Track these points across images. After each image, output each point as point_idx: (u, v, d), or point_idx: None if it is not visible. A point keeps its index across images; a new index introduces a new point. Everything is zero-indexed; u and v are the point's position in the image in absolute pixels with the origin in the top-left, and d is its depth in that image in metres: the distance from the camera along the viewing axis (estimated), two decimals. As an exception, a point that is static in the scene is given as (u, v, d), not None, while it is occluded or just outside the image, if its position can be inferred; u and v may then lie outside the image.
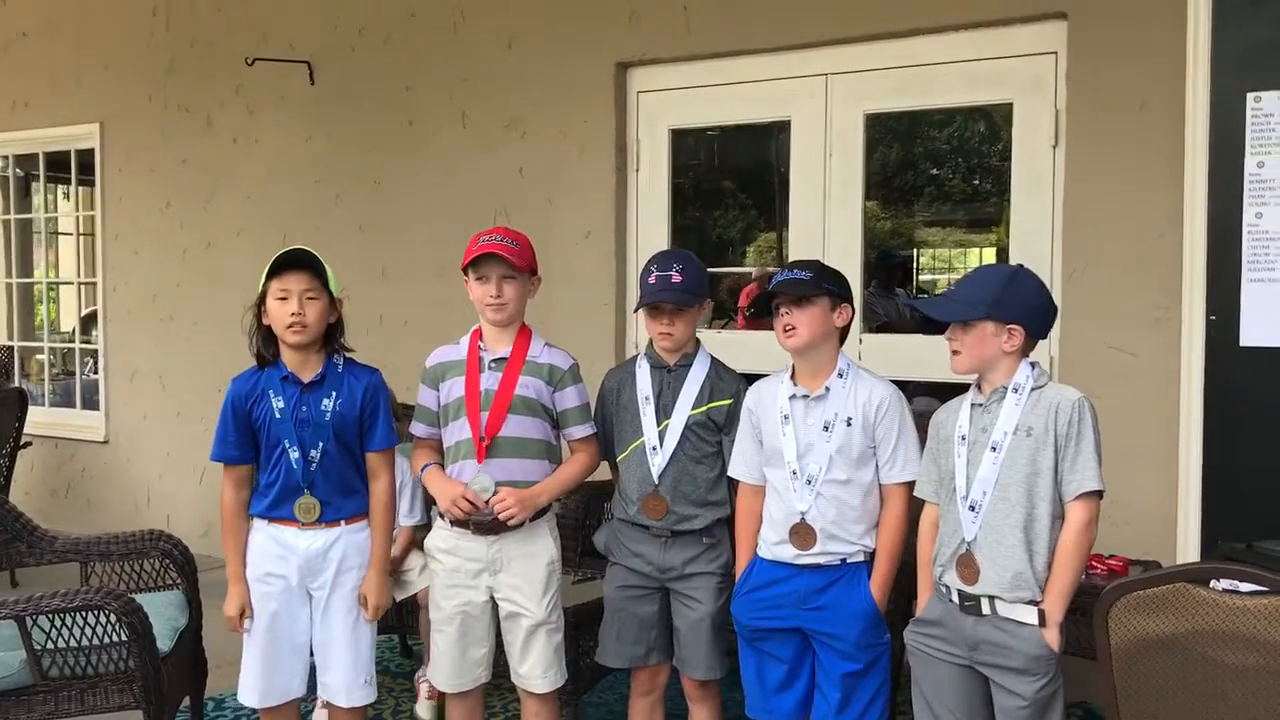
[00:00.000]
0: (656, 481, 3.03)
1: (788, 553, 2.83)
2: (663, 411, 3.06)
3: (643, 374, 3.10)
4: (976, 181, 9.21)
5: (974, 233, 10.98)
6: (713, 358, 3.14)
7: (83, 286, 7.72)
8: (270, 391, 2.97)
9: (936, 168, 9.06)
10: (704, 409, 3.04)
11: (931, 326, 3.73)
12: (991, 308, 2.55)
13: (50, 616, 3.10)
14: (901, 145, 8.50)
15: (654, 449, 3.04)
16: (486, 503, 2.96)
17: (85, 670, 3.14)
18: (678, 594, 3.07)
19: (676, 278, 2.98)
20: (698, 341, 3.14)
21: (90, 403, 6.96)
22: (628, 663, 3.15)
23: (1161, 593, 1.96)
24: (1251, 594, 1.93)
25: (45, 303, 7.86)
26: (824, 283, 2.82)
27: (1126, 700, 2.03)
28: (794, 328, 2.81)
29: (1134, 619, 1.99)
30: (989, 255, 10.52)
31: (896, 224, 9.66)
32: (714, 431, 3.06)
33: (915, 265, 10.96)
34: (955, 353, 2.62)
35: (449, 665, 3.08)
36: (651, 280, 3.02)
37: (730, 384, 3.09)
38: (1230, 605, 1.90)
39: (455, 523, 3.04)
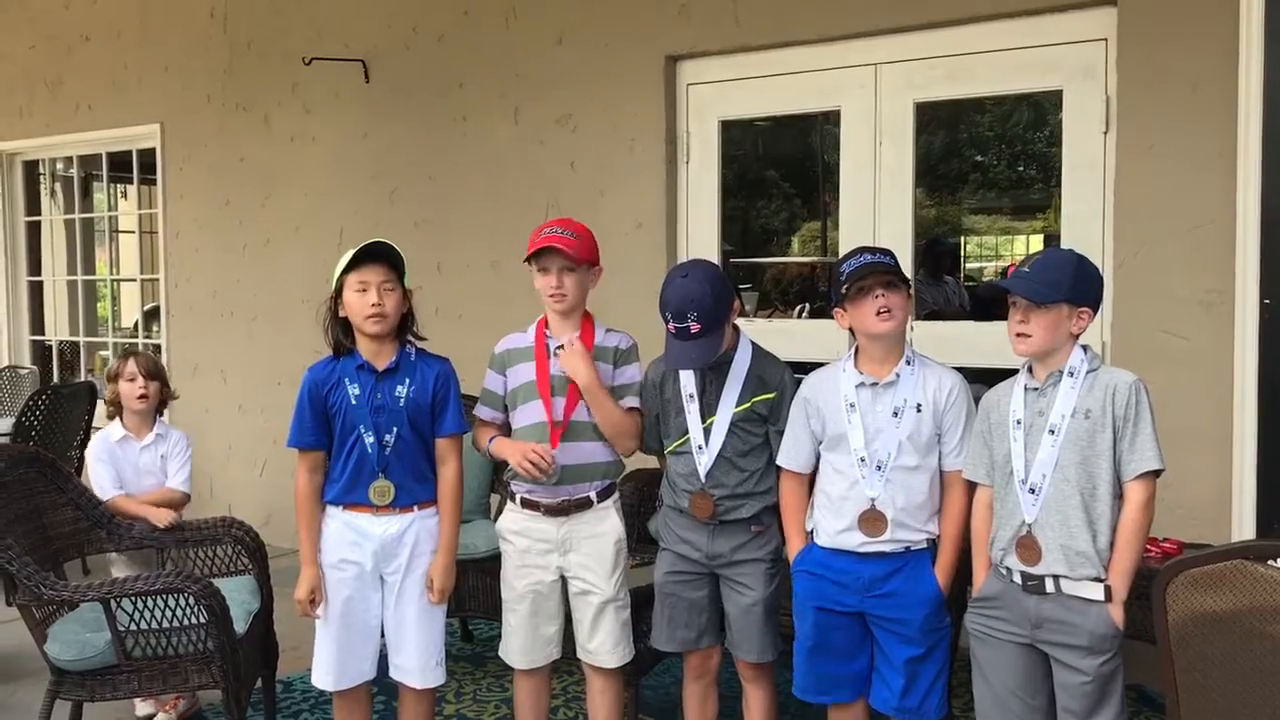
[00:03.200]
0: (704, 480, 3.04)
1: (853, 540, 2.85)
2: (707, 409, 3.05)
3: (686, 370, 3.10)
4: (1021, 168, 9.18)
5: (1025, 219, 10.93)
6: (755, 346, 3.12)
7: (145, 283, 7.90)
8: (346, 379, 3.07)
9: (988, 154, 9.03)
10: (748, 404, 3.03)
11: (985, 312, 3.74)
12: (1070, 291, 2.58)
13: (133, 599, 3.23)
14: (947, 132, 8.48)
15: (700, 448, 3.05)
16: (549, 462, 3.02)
17: (166, 651, 3.27)
18: (727, 580, 3.10)
19: (694, 328, 2.90)
20: (737, 331, 3.12)
21: (153, 396, 7.12)
22: (679, 646, 3.19)
23: (1219, 569, 2.00)
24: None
25: (109, 299, 8.05)
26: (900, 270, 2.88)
27: (1184, 674, 2.07)
28: (888, 310, 2.81)
29: (1192, 595, 2.03)
30: (1036, 242, 10.47)
31: (942, 211, 9.63)
32: (760, 423, 3.05)
33: (963, 252, 10.92)
34: (1024, 335, 2.62)
35: (521, 642, 3.18)
36: (670, 330, 2.97)
37: (775, 375, 3.07)
38: (1288, 581, 1.94)
39: (525, 504, 3.14)
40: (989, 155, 9.17)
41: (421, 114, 5.70)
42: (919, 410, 2.84)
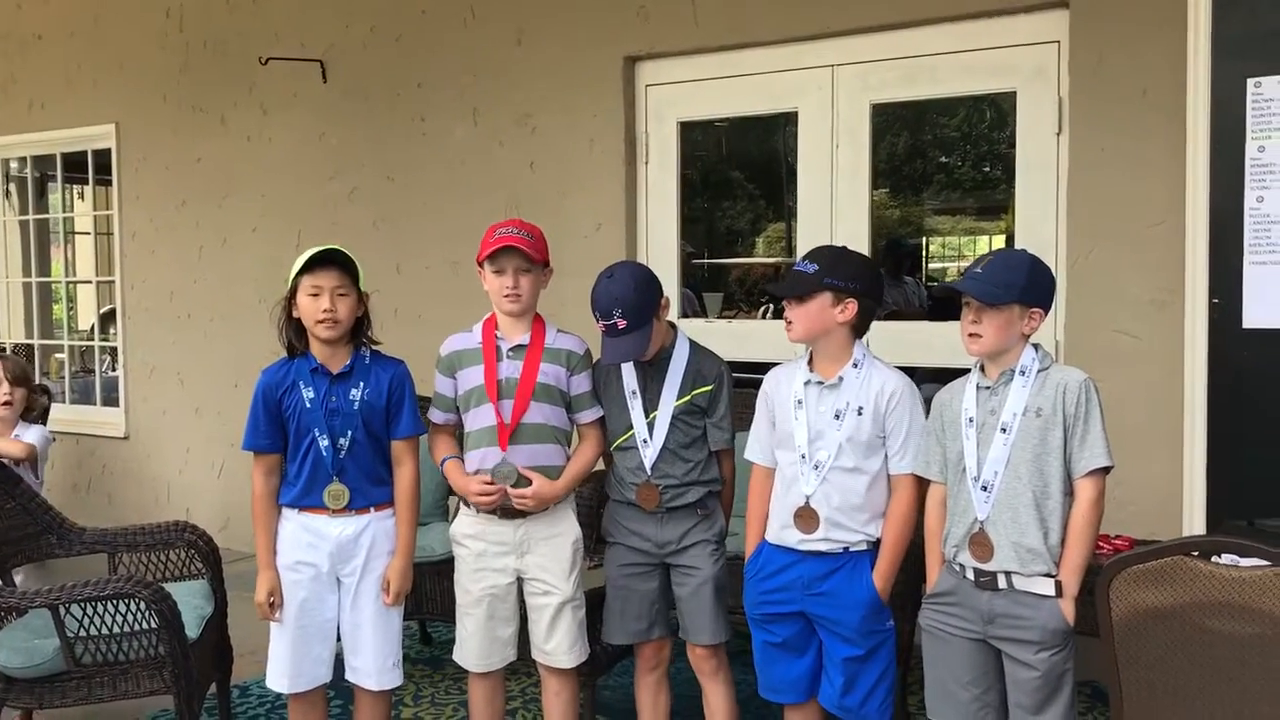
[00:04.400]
0: (649, 472, 3.10)
1: (792, 537, 2.89)
2: (649, 404, 3.12)
3: (627, 368, 3.15)
4: (987, 169, 9.25)
5: (982, 220, 11.03)
6: (692, 343, 3.18)
7: (101, 284, 7.82)
8: (300, 382, 3.05)
9: (946, 155, 9.09)
10: (687, 398, 3.10)
11: (943, 312, 3.75)
12: (1022, 292, 2.61)
13: (82, 605, 3.18)
14: (911, 133, 8.54)
15: (644, 441, 3.11)
16: (507, 490, 3.05)
17: (117, 656, 3.22)
18: (677, 567, 3.14)
19: (621, 323, 2.97)
20: (674, 329, 3.18)
21: (110, 399, 7.06)
22: (631, 638, 3.22)
23: (1160, 565, 2.03)
24: (1250, 566, 1.99)
25: (64, 301, 7.95)
26: (826, 278, 2.83)
27: (1127, 669, 2.10)
28: (790, 322, 2.88)
29: (1134, 591, 2.06)
30: (999, 242, 10.56)
31: (906, 212, 9.70)
32: (700, 415, 3.12)
33: (925, 253, 11.00)
34: (976, 335, 2.64)
35: (477, 646, 3.18)
36: (600, 329, 3.04)
37: (712, 368, 3.14)
38: (1227, 576, 1.97)
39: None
40: (954, 156, 9.24)
41: (380, 114, 5.68)
42: (860, 414, 2.85)
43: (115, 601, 3.20)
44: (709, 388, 3.11)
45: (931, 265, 11.75)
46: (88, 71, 6.75)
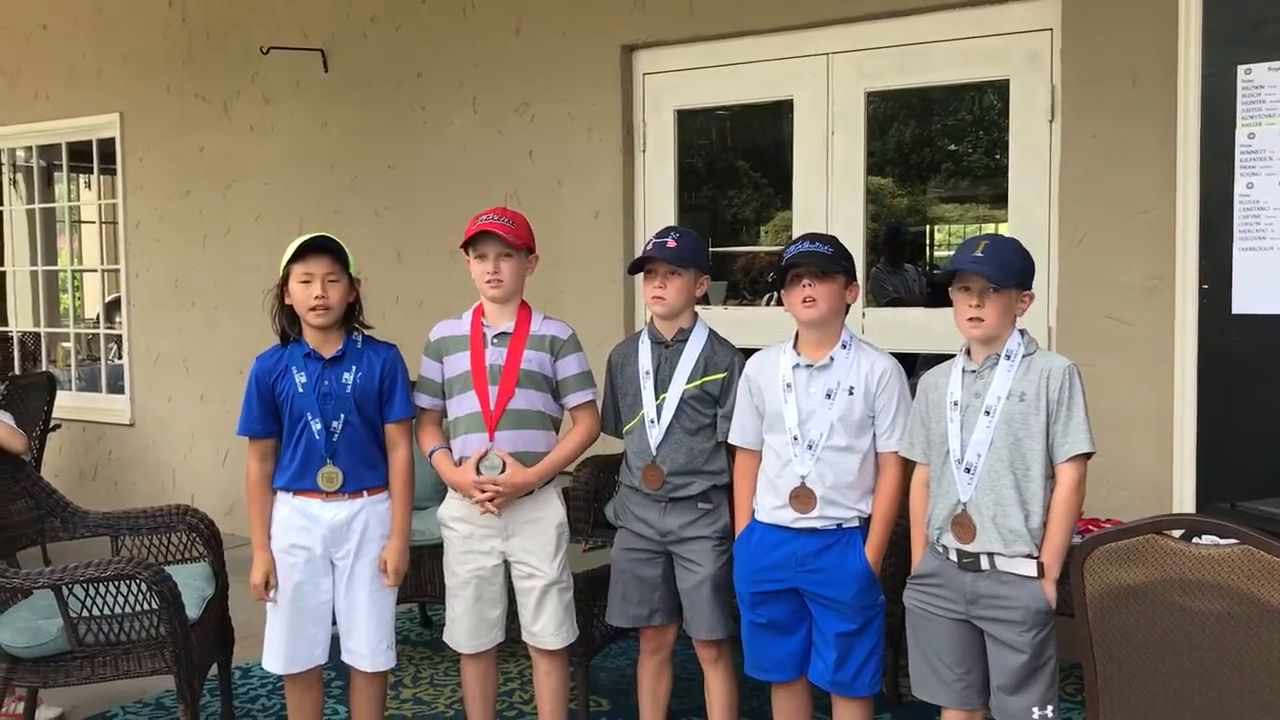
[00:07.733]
0: (654, 452, 3.14)
1: (786, 516, 2.93)
2: (660, 385, 3.16)
3: (644, 349, 3.20)
4: (997, 156, 9.24)
5: (986, 207, 11.02)
6: (710, 331, 3.22)
7: (106, 273, 7.88)
8: (293, 367, 3.10)
9: (955, 144, 9.07)
10: (699, 382, 3.14)
11: (943, 299, 3.80)
12: (1020, 275, 2.67)
13: (85, 586, 3.25)
14: (918, 122, 8.53)
15: (651, 421, 3.15)
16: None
17: (119, 637, 3.29)
18: (679, 558, 3.17)
19: (671, 243, 3.09)
20: (695, 316, 3.22)
21: (116, 387, 7.13)
22: (631, 622, 3.27)
23: (1132, 544, 2.06)
24: (1223, 545, 2.03)
25: (70, 291, 8.02)
26: (842, 260, 2.93)
27: (1101, 647, 2.13)
28: (814, 300, 2.89)
29: (1107, 569, 2.09)
30: (1004, 229, 10.52)
31: (913, 200, 9.70)
32: (710, 404, 3.14)
33: (931, 240, 11.00)
34: (977, 320, 2.66)
35: (466, 627, 3.22)
36: (649, 247, 3.15)
37: (725, 357, 3.17)
38: (1196, 554, 2.00)
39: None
40: (964, 144, 9.23)
41: (380, 103, 5.72)
42: (851, 393, 2.90)
43: (117, 582, 3.26)
44: (721, 375, 3.14)
45: (937, 253, 11.74)
46: (92, 61, 6.80)
